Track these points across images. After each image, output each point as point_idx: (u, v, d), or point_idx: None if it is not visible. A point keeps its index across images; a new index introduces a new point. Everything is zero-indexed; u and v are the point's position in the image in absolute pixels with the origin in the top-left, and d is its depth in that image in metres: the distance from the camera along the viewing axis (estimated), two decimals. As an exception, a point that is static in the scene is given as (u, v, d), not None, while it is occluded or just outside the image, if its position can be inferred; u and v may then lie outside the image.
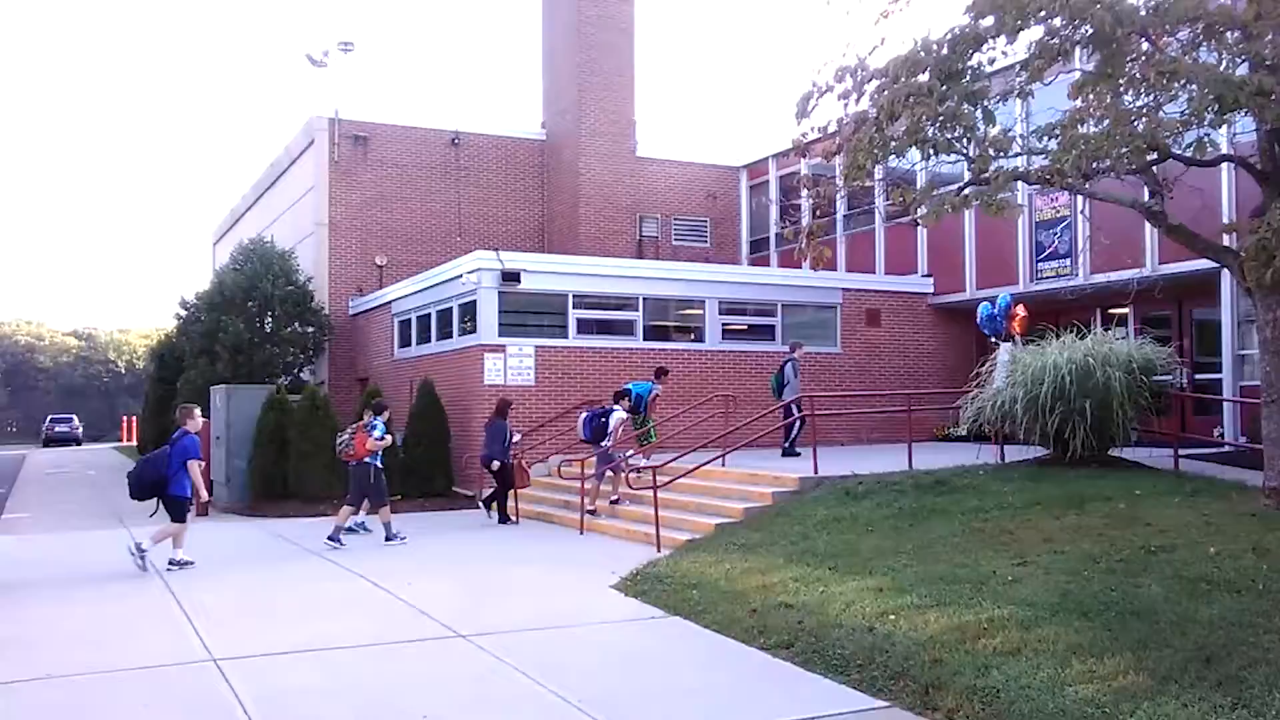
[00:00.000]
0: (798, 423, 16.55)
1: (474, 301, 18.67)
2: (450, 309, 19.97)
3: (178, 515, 11.85)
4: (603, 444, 15.14)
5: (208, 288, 25.39)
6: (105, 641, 8.37)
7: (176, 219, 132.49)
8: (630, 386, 16.48)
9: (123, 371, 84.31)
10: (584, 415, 15.84)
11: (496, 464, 15.46)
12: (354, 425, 14.38)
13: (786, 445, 16.80)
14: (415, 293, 21.50)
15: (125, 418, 54.19)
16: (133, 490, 11.91)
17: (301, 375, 24.09)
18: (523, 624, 8.80)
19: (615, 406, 15.58)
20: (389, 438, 14.21)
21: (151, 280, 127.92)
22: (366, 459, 13.73)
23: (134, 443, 41.34)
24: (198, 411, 12.41)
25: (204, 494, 12.22)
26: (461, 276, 18.74)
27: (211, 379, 22.15)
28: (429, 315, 21.07)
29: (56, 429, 53.21)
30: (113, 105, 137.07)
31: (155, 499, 11.83)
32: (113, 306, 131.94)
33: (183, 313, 26.76)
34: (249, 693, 6.86)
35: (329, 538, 13.39)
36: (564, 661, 7.61)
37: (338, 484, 18.16)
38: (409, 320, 22.16)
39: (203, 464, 12.42)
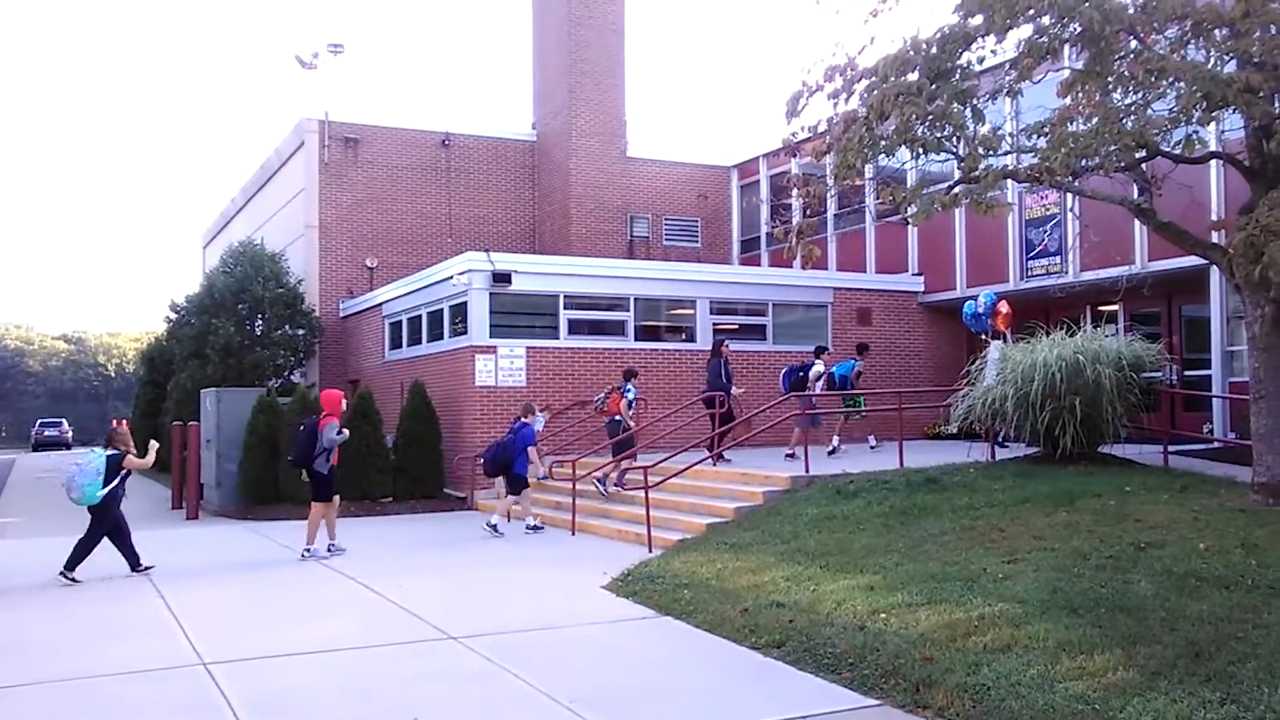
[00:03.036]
0: None
1: (465, 303, 18.65)
2: (441, 310, 19.94)
3: (518, 489, 14.52)
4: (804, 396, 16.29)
5: (198, 290, 25.31)
6: (96, 646, 8.34)
7: (166, 222, 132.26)
8: (834, 371, 17.17)
9: (112, 375, 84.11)
10: (784, 370, 17.34)
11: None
12: (610, 388, 16.51)
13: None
14: (406, 294, 21.47)
15: (115, 421, 54.06)
16: (487, 468, 15.05)
17: (292, 378, 24.05)
18: (514, 625, 8.78)
19: (816, 360, 16.90)
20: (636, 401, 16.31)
21: (141, 283, 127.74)
22: (617, 416, 15.80)
23: (124, 446, 41.15)
24: (538, 409, 15.52)
25: (540, 470, 14.88)
26: (452, 278, 18.71)
27: (202, 382, 22.11)
28: (420, 317, 21.04)
29: (46, 433, 53.14)
30: (101, 107, 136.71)
31: (501, 475, 14.78)
32: (102, 310, 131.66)
33: (173, 315, 26.72)
34: (239, 695, 6.84)
35: (600, 485, 15.25)
36: (555, 662, 7.61)
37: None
38: (400, 322, 22.13)
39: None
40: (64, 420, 57.74)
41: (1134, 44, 10.06)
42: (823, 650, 7.36)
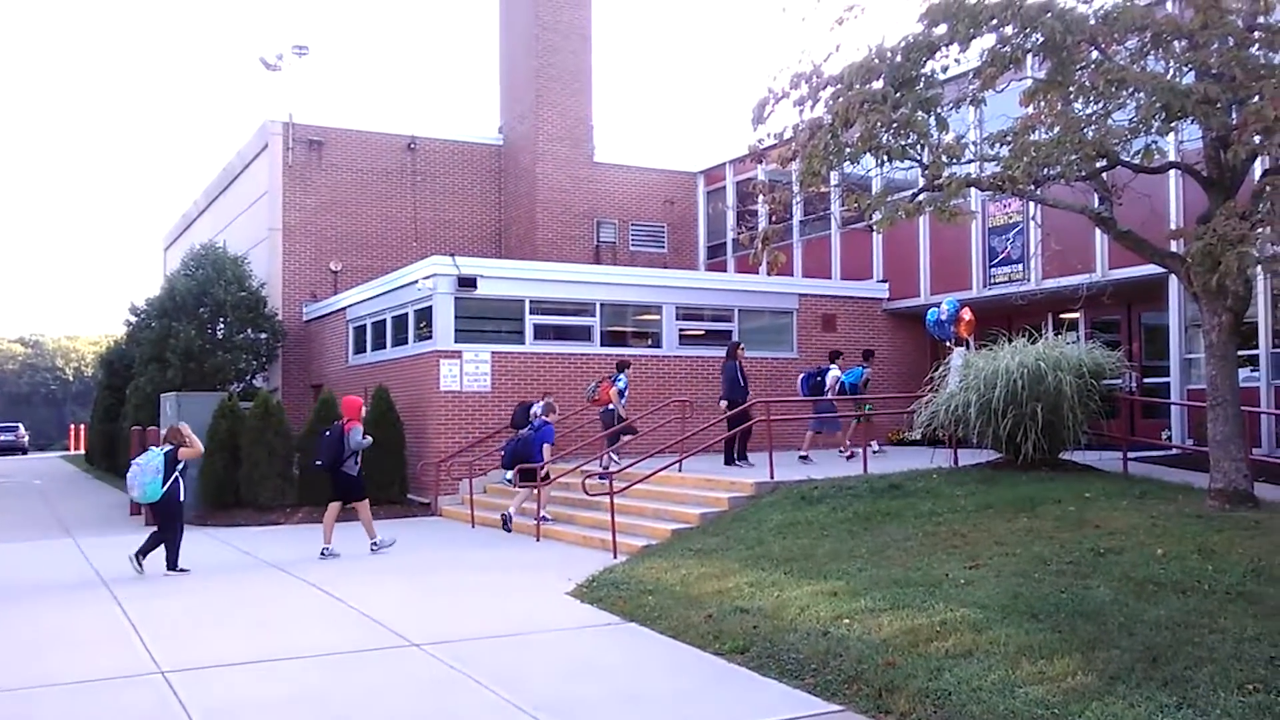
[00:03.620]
0: None
1: (430, 307, 18.55)
2: (406, 315, 19.83)
3: (536, 480, 14.84)
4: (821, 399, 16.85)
5: (158, 293, 24.99)
6: (50, 654, 8.19)
7: (127, 223, 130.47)
8: (843, 378, 17.29)
9: (71, 379, 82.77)
10: (802, 375, 17.62)
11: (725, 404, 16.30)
12: (600, 378, 17.11)
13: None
14: (370, 298, 21.32)
15: (73, 426, 53.28)
16: (505, 462, 15.59)
17: (254, 382, 23.80)
18: (477, 632, 8.73)
19: (832, 365, 17.25)
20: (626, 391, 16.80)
21: (101, 286, 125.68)
22: (609, 405, 16.31)
23: (82, 451, 40.63)
24: (557, 407, 16.00)
25: (545, 468, 14.87)
26: (417, 282, 18.61)
27: (162, 386, 21.84)
28: (384, 321, 20.91)
29: (1, 438, 52.17)
30: (60, 107, 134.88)
31: (515, 468, 15.08)
32: (60, 313, 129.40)
33: (133, 319, 26.40)
34: (198, 705, 6.74)
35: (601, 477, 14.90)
36: (519, 669, 7.56)
37: (290, 492, 18.01)
38: (364, 326, 21.98)
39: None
40: (20, 425, 56.65)
41: (1095, 54, 10.19)
42: (786, 656, 7.37)
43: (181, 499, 12.15)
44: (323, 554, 13.03)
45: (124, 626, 9.19)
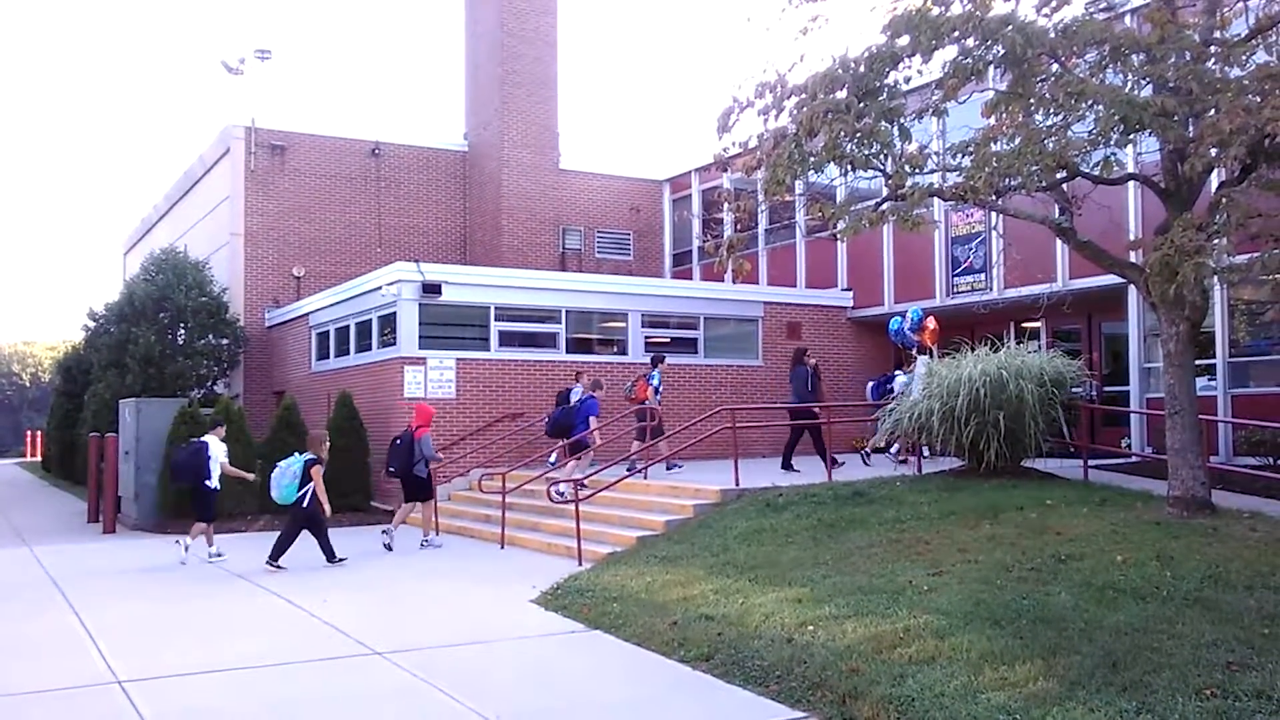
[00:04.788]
0: None
1: (394, 313, 18.44)
2: (370, 321, 19.70)
3: (577, 451, 15.65)
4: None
5: (117, 298, 24.66)
6: (3, 664, 8.05)
7: (85, 227, 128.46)
8: (905, 379, 17.48)
9: (27, 384, 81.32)
10: (871, 383, 18.12)
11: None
12: (637, 376, 17.54)
13: None
14: (334, 304, 21.16)
15: (29, 432, 52.44)
16: (549, 430, 16.83)
17: (215, 388, 23.54)
18: (441, 640, 8.68)
19: (897, 372, 17.46)
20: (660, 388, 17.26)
21: (58, 290, 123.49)
22: (645, 401, 16.64)
23: (38, 458, 40.00)
24: (604, 383, 16.84)
25: (597, 439, 15.74)
26: (381, 288, 18.50)
27: (120, 392, 21.55)
28: (348, 327, 20.76)
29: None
30: (14, 109, 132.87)
31: (561, 440, 16.53)
32: (16, 317, 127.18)
33: (91, 324, 26.04)
34: (155, 715, 6.65)
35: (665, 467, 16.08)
36: (482, 677, 7.52)
37: (251, 500, 17.77)
38: (327, 332, 21.81)
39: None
40: (-26, 432, 55.70)
41: (1055, 67, 10.30)
42: (751, 663, 7.37)
43: (306, 504, 12.78)
44: (422, 544, 14.40)
45: (80, 635, 9.06)
